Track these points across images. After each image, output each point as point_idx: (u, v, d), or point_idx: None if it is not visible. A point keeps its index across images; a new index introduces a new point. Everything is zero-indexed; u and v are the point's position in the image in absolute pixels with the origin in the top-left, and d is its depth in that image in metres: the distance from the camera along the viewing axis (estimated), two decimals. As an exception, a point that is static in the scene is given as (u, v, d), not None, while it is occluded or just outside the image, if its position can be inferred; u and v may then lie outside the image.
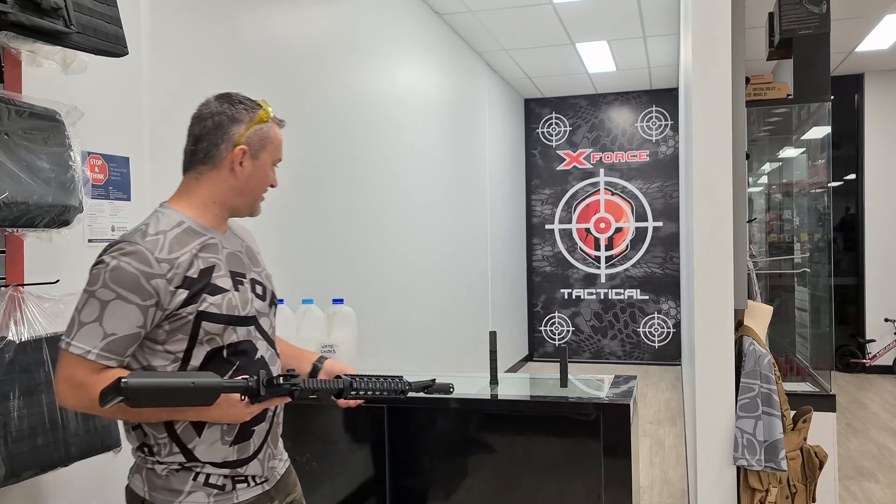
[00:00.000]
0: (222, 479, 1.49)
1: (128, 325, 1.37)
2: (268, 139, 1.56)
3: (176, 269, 1.41)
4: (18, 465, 1.70)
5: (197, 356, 1.45)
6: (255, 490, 1.54)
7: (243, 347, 1.50)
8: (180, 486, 1.46)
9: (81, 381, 1.35)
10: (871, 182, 7.68)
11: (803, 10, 2.62)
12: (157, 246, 1.41)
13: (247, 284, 1.54)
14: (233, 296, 1.48)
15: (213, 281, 1.46)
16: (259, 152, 1.55)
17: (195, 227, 1.50)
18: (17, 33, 1.66)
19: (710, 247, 2.23)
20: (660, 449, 4.96)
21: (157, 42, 2.54)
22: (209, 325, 1.44)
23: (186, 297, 1.41)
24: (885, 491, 4.08)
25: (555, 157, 8.62)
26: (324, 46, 3.77)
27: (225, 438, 1.48)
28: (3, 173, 1.65)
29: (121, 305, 1.36)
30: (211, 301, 1.44)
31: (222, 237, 1.55)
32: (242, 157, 1.52)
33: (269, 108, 1.58)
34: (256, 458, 1.54)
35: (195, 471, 1.47)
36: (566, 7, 5.48)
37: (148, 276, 1.37)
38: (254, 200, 1.59)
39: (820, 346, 3.61)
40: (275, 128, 1.58)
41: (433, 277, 5.38)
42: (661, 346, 8.35)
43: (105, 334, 1.36)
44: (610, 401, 2.16)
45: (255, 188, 1.57)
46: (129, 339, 1.38)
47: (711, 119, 2.22)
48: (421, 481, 2.30)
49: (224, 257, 1.52)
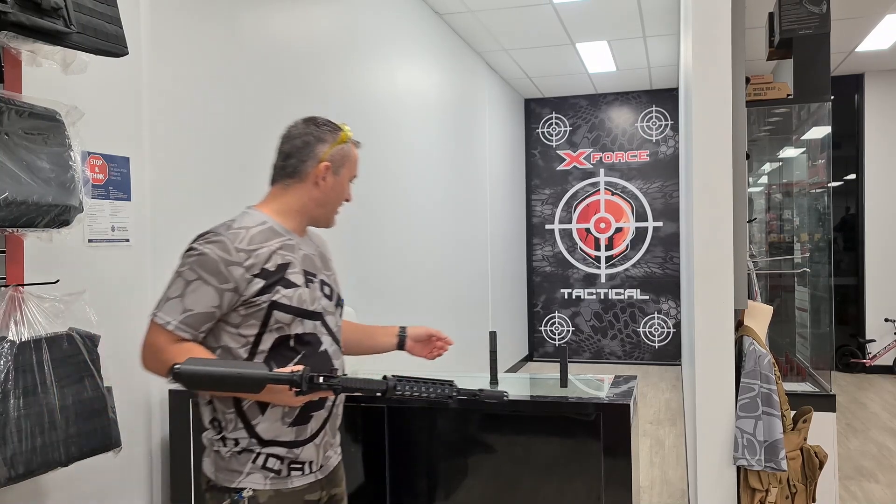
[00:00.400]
0: (279, 464, 1.62)
1: (204, 304, 1.55)
2: (347, 157, 1.75)
3: (254, 260, 1.58)
4: (18, 465, 1.70)
5: (266, 342, 1.60)
6: (308, 478, 1.67)
7: (309, 339, 1.65)
8: (240, 468, 1.61)
9: (160, 347, 1.55)
10: (871, 182, 7.68)
11: (803, 10, 2.62)
12: (238, 238, 1.59)
13: (316, 284, 1.70)
14: (303, 291, 1.64)
15: (288, 276, 1.62)
16: (340, 168, 1.74)
17: (277, 228, 1.68)
18: (17, 33, 1.66)
19: (710, 247, 2.23)
20: (660, 449, 4.96)
21: (157, 42, 2.54)
22: (280, 314, 1.59)
23: (262, 287, 1.58)
24: (885, 491, 4.08)
25: (555, 157, 8.62)
26: (324, 46, 3.77)
27: (285, 419, 1.62)
28: (4, 173, 1.65)
29: (201, 286, 1.55)
30: (284, 293, 1.60)
31: (300, 240, 1.72)
32: (326, 172, 1.71)
33: (349, 131, 1.77)
34: (312, 443, 1.66)
35: (255, 452, 1.61)
36: (566, 7, 5.48)
37: (227, 263, 1.55)
38: (332, 212, 1.77)
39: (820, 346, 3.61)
40: (353, 148, 1.78)
41: (433, 277, 5.38)
42: (661, 346, 8.35)
43: (184, 309, 1.55)
44: (610, 401, 2.16)
45: (334, 201, 1.75)
46: (205, 317, 1.56)
47: (711, 119, 2.22)
48: (421, 481, 2.30)
49: (299, 257, 1.68)
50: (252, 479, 1.61)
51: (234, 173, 2.99)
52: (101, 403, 1.92)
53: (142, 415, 2.44)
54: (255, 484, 1.61)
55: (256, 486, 1.61)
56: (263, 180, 3.17)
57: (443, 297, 5.61)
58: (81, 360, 1.89)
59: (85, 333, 1.93)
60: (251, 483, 1.61)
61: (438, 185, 5.58)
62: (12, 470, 1.68)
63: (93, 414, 1.89)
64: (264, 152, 3.20)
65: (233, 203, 2.96)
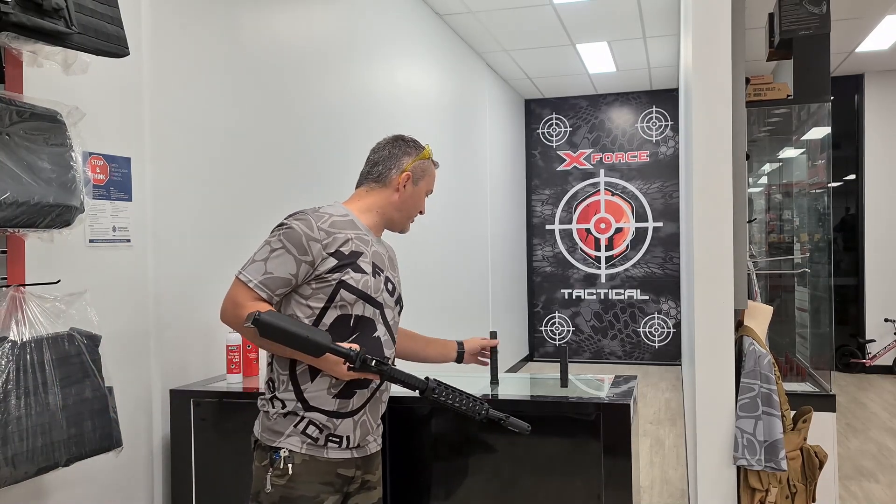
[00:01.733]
0: (317, 433, 1.79)
1: (283, 270, 1.75)
2: (427, 172, 1.98)
3: (331, 241, 1.79)
4: (19, 465, 1.70)
5: (329, 316, 1.79)
6: (344, 453, 1.83)
7: (366, 323, 1.83)
8: (282, 429, 1.79)
9: (239, 302, 1.74)
10: (871, 182, 7.68)
11: (803, 10, 2.62)
12: (321, 219, 1.81)
13: (382, 278, 1.88)
14: (370, 279, 1.83)
15: (359, 262, 1.82)
16: (419, 180, 1.96)
17: (357, 222, 1.89)
18: (18, 34, 1.66)
19: (710, 247, 2.23)
20: (660, 449, 4.96)
21: (158, 43, 2.54)
22: (346, 293, 1.79)
23: (334, 266, 1.78)
24: (885, 491, 4.08)
25: (555, 157, 8.62)
26: (324, 47, 3.77)
27: (331, 390, 1.79)
28: (5, 174, 1.65)
29: (283, 254, 1.75)
30: (352, 276, 1.79)
31: (374, 239, 1.92)
32: (406, 181, 1.93)
33: (430, 150, 2.00)
34: (352, 418, 1.82)
35: (299, 416, 1.79)
36: (566, 7, 5.48)
37: (308, 238, 1.76)
38: (407, 218, 1.98)
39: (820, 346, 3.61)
40: (432, 165, 2.00)
41: (433, 277, 5.38)
42: (661, 346, 8.35)
43: (266, 272, 1.75)
44: (610, 401, 2.16)
45: (411, 208, 1.97)
46: (282, 282, 1.76)
47: (711, 119, 2.22)
48: (421, 481, 2.30)
49: (371, 251, 1.87)
50: (290, 442, 1.78)
51: (236, 173, 2.99)
52: (102, 403, 1.93)
53: (142, 415, 2.45)
54: (292, 446, 1.78)
55: (293, 447, 1.78)
56: (264, 180, 3.18)
57: (443, 297, 5.62)
58: (82, 360, 1.89)
59: (86, 333, 1.93)
60: (289, 444, 1.78)
61: (438, 185, 5.58)
62: (13, 470, 1.69)
63: (94, 414, 1.89)
64: (265, 152, 3.21)
65: (234, 203, 2.97)
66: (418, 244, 5.08)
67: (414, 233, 4.96)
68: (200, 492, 2.44)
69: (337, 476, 1.82)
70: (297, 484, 1.77)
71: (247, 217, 3.02)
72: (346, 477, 1.84)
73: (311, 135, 3.61)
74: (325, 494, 1.80)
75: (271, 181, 3.24)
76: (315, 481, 1.79)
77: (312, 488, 1.78)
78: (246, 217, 3.02)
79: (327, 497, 1.80)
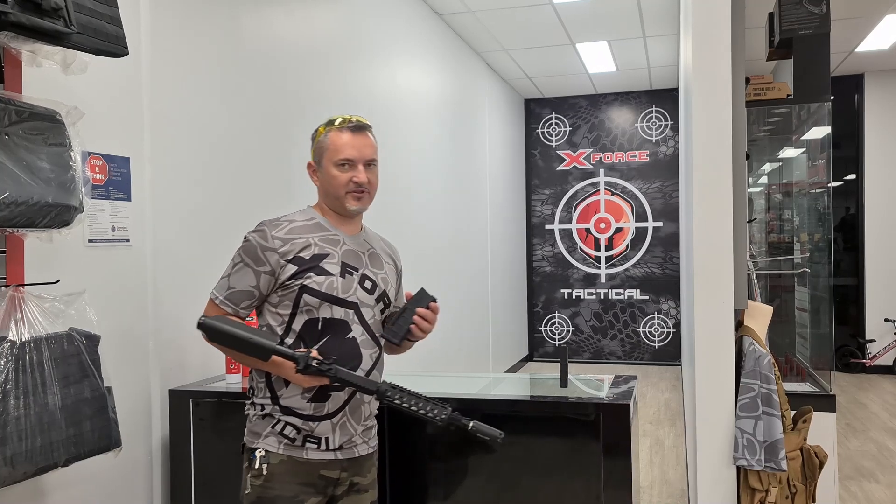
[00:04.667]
0: (294, 433, 1.79)
1: (244, 283, 1.80)
2: (323, 147, 1.90)
3: (289, 248, 1.79)
4: (18, 466, 1.70)
5: (298, 322, 1.80)
6: (326, 454, 1.81)
7: (337, 324, 1.81)
8: (261, 430, 1.81)
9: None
10: (871, 182, 7.68)
11: (803, 10, 2.62)
12: (277, 227, 1.82)
13: (356, 276, 1.86)
14: (335, 280, 1.81)
15: (322, 264, 1.81)
16: (320, 160, 1.90)
17: (324, 223, 1.89)
18: (17, 33, 1.66)
19: (710, 247, 2.22)
20: (660, 449, 4.96)
21: (157, 42, 2.54)
22: (308, 297, 1.78)
23: (295, 272, 1.78)
24: (885, 491, 4.08)
25: (555, 157, 8.62)
26: (324, 47, 3.77)
27: (304, 394, 1.79)
28: (4, 173, 1.65)
29: (242, 268, 1.80)
30: (315, 279, 1.79)
31: (347, 237, 1.90)
32: (311, 172, 1.93)
33: (329, 123, 1.91)
34: (329, 421, 1.81)
35: (275, 418, 1.80)
36: (566, 7, 5.48)
37: (263, 248, 1.79)
38: (338, 198, 1.88)
39: (820, 347, 3.61)
40: (332, 135, 1.89)
41: (433, 277, 5.38)
42: (661, 346, 8.35)
43: (229, 287, 1.81)
44: (610, 401, 2.16)
45: (334, 188, 1.87)
46: (245, 295, 1.81)
47: (711, 119, 2.22)
48: (420, 481, 2.30)
49: (340, 251, 1.86)
50: (267, 442, 1.79)
51: (235, 173, 2.99)
52: (102, 403, 1.92)
53: (142, 415, 2.44)
54: (268, 446, 1.79)
55: (270, 448, 1.79)
56: (263, 180, 3.18)
57: (443, 297, 5.60)
58: (81, 360, 1.89)
59: (85, 333, 1.93)
60: (266, 445, 1.79)
61: (438, 185, 5.58)
62: (13, 470, 1.68)
63: (93, 414, 1.89)
64: (265, 152, 3.21)
65: (233, 203, 2.96)
66: (418, 244, 5.08)
67: (413, 232, 4.98)
68: (199, 492, 2.44)
69: (320, 477, 1.81)
70: (273, 484, 1.77)
71: (246, 217, 3.02)
72: (329, 479, 1.83)
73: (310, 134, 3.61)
74: (304, 495, 1.78)
75: (271, 181, 3.24)
76: (293, 482, 1.78)
77: (290, 489, 1.77)
78: (245, 217, 3.01)
79: (307, 498, 1.79)
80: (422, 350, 5.57)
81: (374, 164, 1.91)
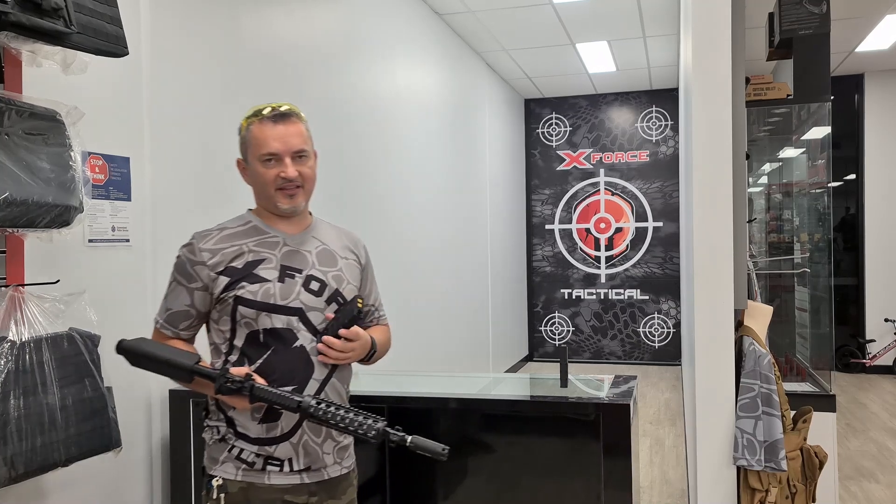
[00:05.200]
0: (253, 457, 1.63)
1: (179, 303, 1.67)
2: (247, 143, 1.73)
3: (219, 258, 1.65)
4: (19, 465, 1.70)
5: (239, 336, 1.65)
6: (290, 478, 1.64)
7: (281, 334, 1.64)
8: (217, 455, 1.66)
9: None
10: (871, 182, 7.68)
11: (803, 10, 2.62)
12: (205, 238, 1.68)
13: (298, 279, 1.68)
14: (272, 286, 1.64)
15: (256, 272, 1.65)
16: (247, 157, 1.74)
17: (260, 226, 1.73)
18: (17, 33, 1.66)
19: (711, 247, 2.23)
20: (660, 449, 4.96)
21: (157, 42, 2.54)
22: (244, 309, 1.63)
23: (228, 283, 1.64)
24: (885, 491, 4.08)
25: (555, 157, 8.62)
26: (324, 47, 3.77)
27: (254, 415, 1.63)
28: (4, 173, 1.65)
29: (176, 287, 1.68)
30: (248, 289, 1.63)
31: (287, 236, 1.73)
32: (241, 169, 1.77)
33: (252, 114, 1.72)
34: (288, 442, 1.64)
35: (230, 444, 1.65)
36: (566, 7, 5.48)
37: (192, 263, 1.66)
38: (268, 198, 1.71)
39: (820, 346, 3.61)
40: (254, 128, 1.71)
41: (433, 277, 5.38)
42: (661, 346, 8.35)
43: (166, 309, 1.70)
44: (610, 401, 2.16)
45: (260, 187, 1.72)
46: (182, 315, 1.68)
47: (711, 119, 2.22)
48: (421, 481, 2.30)
49: (280, 253, 1.69)
50: (225, 469, 1.64)
51: (234, 173, 2.98)
52: (102, 403, 1.92)
53: (142, 415, 2.44)
54: (226, 473, 1.64)
55: (227, 475, 1.63)
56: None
57: (442, 297, 5.61)
58: (82, 360, 1.89)
59: (85, 333, 1.93)
60: (223, 472, 1.64)
61: (438, 185, 5.58)
62: (13, 470, 1.68)
63: (93, 414, 1.89)
64: (264, 152, 3.20)
65: (232, 203, 2.96)
66: (417, 244, 5.08)
67: (413, 232, 4.97)
68: (199, 492, 2.44)
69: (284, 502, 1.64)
70: None
71: (246, 217, 3.02)
72: None
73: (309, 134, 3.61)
74: None
75: (271, 181, 3.23)
76: None
77: None
78: (245, 217, 3.02)
79: None
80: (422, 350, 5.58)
81: (304, 155, 1.73)
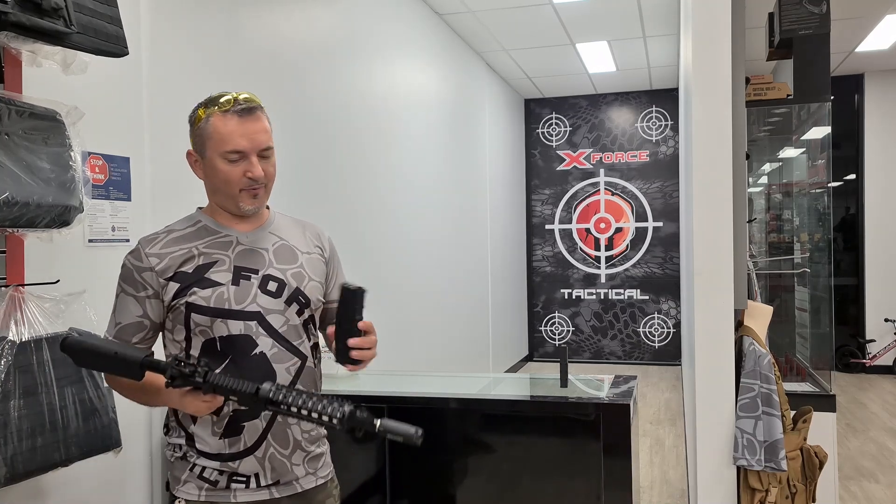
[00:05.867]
0: (216, 475, 1.54)
1: (129, 315, 1.55)
2: (204, 136, 1.55)
3: (168, 263, 1.53)
4: (18, 465, 1.70)
5: (195, 346, 1.54)
6: (258, 493, 1.54)
7: (238, 341, 1.51)
8: (179, 475, 1.56)
9: None
10: (871, 182, 7.68)
11: (803, 10, 2.62)
12: (151, 243, 1.56)
13: (254, 280, 1.55)
14: (226, 289, 1.52)
15: (208, 275, 1.53)
16: (203, 151, 1.56)
17: (211, 225, 1.60)
18: (17, 33, 1.66)
19: (710, 247, 2.23)
20: (660, 449, 4.96)
21: (157, 42, 2.54)
22: (197, 316, 1.51)
23: (178, 290, 1.52)
24: (885, 491, 4.08)
25: (555, 157, 8.62)
26: (324, 47, 3.77)
27: (215, 430, 1.53)
28: (4, 173, 1.65)
29: (124, 298, 1.56)
30: (200, 294, 1.51)
31: (241, 234, 1.60)
32: (193, 163, 1.59)
33: (210, 104, 1.55)
34: (253, 456, 1.53)
35: (191, 461, 1.55)
36: (566, 7, 5.48)
37: (139, 270, 1.54)
38: (228, 196, 1.56)
39: (820, 346, 3.61)
40: (216, 120, 1.53)
41: (433, 278, 5.38)
42: (661, 346, 8.35)
43: (116, 323, 1.57)
44: (610, 401, 2.16)
45: (222, 185, 1.55)
46: (133, 328, 1.55)
47: (711, 119, 2.22)
48: (421, 481, 2.30)
49: (233, 254, 1.56)
50: (187, 489, 1.54)
51: (235, 173, 2.99)
52: (102, 403, 1.92)
53: (142, 415, 2.44)
54: (188, 494, 1.53)
55: (190, 496, 1.53)
56: (263, 180, 3.17)
57: (442, 298, 5.61)
58: (82, 360, 1.89)
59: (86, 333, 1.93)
60: (185, 493, 1.54)
61: (438, 185, 5.58)
62: (12, 470, 1.68)
63: (93, 414, 1.89)
64: (264, 152, 3.21)
65: (233, 203, 2.96)
66: (417, 244, 5.08)
67: (412, 233, 4.97)
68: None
69: None
70: None
71: (246, 217, 3.02)
72: None
73: (309, 134, 3.61)
74: None
75: (271, 181, 3.24)
76: None
77: None
78: (245, 217, 3.02)
79: None
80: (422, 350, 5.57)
81: (269, 153, 1.61)
